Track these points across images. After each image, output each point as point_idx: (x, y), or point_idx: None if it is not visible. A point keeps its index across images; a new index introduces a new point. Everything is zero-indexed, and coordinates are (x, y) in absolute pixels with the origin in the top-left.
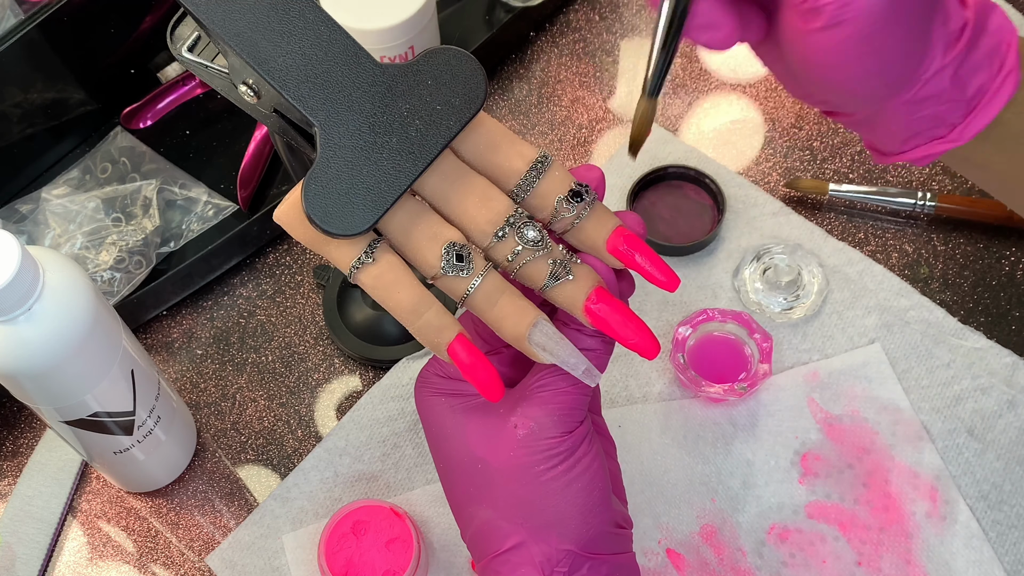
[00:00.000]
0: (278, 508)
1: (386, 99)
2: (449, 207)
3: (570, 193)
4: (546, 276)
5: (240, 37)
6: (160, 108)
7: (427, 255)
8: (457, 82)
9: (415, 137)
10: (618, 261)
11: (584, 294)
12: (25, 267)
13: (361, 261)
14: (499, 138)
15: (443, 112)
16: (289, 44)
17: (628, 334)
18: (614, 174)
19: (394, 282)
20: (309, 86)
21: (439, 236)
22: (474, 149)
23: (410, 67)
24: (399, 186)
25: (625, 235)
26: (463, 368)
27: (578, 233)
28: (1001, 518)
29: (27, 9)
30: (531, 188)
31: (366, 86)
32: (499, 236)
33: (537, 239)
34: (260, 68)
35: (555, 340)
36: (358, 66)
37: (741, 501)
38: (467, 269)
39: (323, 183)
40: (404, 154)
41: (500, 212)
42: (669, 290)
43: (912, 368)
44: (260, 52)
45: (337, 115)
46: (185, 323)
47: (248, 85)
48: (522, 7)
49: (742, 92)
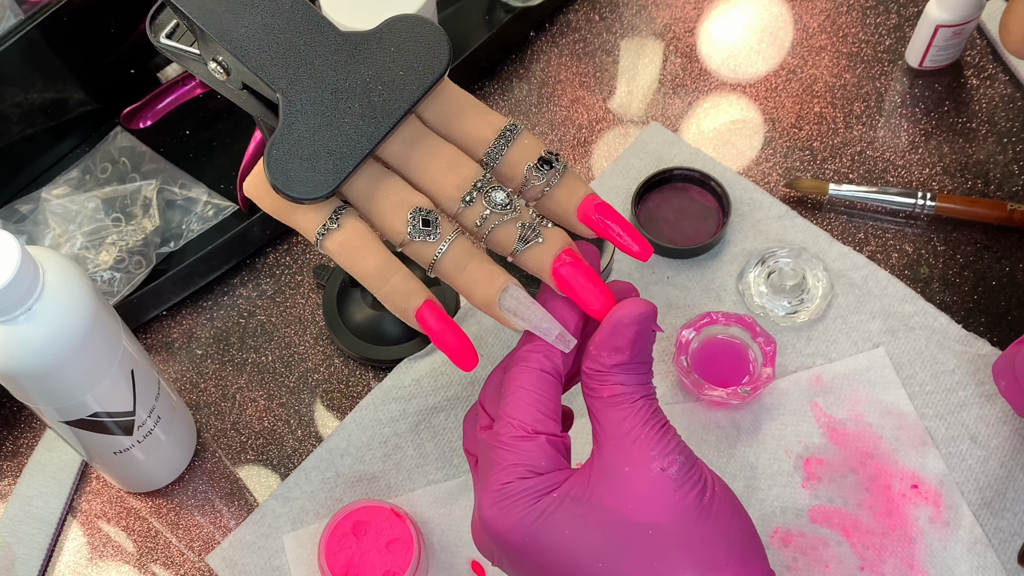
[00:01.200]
0: (279, 508)
1: (348, 66)
2: (415, 172)
3: (539, 160)
4: (515, 240)
5: (202, 10)
6: (160, 108)
7: (393, 221)
8: (420, 48)
9: (378, 103)
10: (589, 230)
11: (552, 256)
12: (25, 267)
13: (326, 227)
14: (467, 106)
15: (405, 78)
16: (251, 15)
17: (591, 299)
18: (619, 176)
19: (360, 248)
20: (270, 55)
21: (405, 201)
22: (441, 116)
23: (373, 35)
24: (361, 150)
25: (596, 203)
26: (432, 334)
27: (548, 202)
28: (1004, 525)
29: (27, 9)
30: (500, 156)
31: (328, 54)
32: (467, 201)
33: (505, 202)
34: (221, 39)
35: (526, 305)
36: (320, 34)
37: (744, 505)
38: (434, 234)
39: (285, 149)
40: (367, 119)
41: (467, 177)
42: (642, 259)
43: (916, 373)
44: (222, 24)
45: (299, 82)
46: (185, 323)
47: (217, 62)
48: (522, 7)
49: (742, 92)
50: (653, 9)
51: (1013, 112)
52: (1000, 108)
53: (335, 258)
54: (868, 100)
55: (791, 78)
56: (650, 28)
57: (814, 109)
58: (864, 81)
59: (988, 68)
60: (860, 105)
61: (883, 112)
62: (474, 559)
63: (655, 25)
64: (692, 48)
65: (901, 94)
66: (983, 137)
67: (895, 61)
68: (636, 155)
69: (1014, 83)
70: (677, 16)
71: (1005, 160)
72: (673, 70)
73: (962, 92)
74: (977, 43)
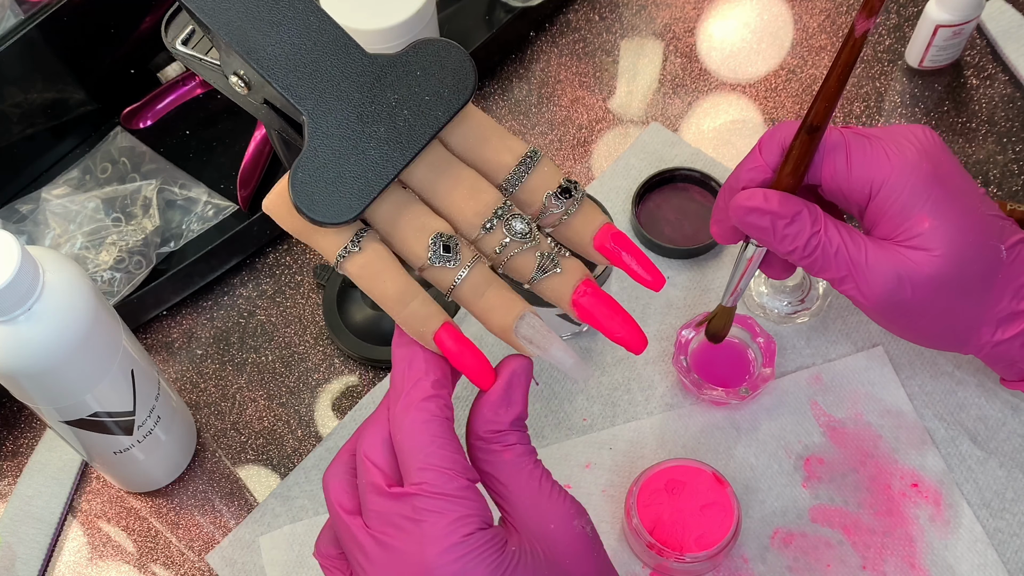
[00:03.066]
0: (279, 507)
1: (375, 89)
2: (437, 198)
3: (559, 189)
4: (534, 269)
5: (230, 26)
6: (160, 108)
7: (414, 245)
8: (446, 73)
9: (403, 127)
10: (604, 258)
11: (571, 287)
12: (25, 267)
13: (347, 250)
14: (488, 131)
15: (431, 103)
16: (278, 34)
17: (614, 327)
18: (619, 176)
19: (380, 271)
20: (297, 75)
21: (426, 227)
22: (463, 141)
23: (399, 58)
24: (386, 175)
25: (612, 232)
26: (451, 356)
27: (565, 230)
28: (1003, 526)
29: (27, 9)
30: (520, 183)
31: (355, 76)
32: (487, 228)
33: (525, 231)
34: (249, 57)
35: (542, 333)
36: (347, 56)
37: (744, 506)
38: (454, 260)
39: (310, 172)
40: (392, 144)
41: (488, 204)
42: (654, 289)
43: (916, 374)
44: (249, 41)
45: (325, 104)
46: (185, 323)
47: (239, 76)
48: (522, 7)
49: (742, 92)
50: (653, 9)
51: (1013, 112)
52: (1000, 108)
53: (355, 280)
54: (868, 100)
55: (791, 78)
56: (650, 28)
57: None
58: (864, 81)
59: (988, 68)
60: (860, 105)
61: (883, 112)
62: None
63: (655, 25)
64: (692, 48)
65: (901, 94)
66: (983, 137)
67: (895, 61)
68: (636, 155)
69: (1014, 83)
70: (677, 16)
71: (1005, 160)
72: (673, 70)
73: (962, 92)
74: (977, 43)
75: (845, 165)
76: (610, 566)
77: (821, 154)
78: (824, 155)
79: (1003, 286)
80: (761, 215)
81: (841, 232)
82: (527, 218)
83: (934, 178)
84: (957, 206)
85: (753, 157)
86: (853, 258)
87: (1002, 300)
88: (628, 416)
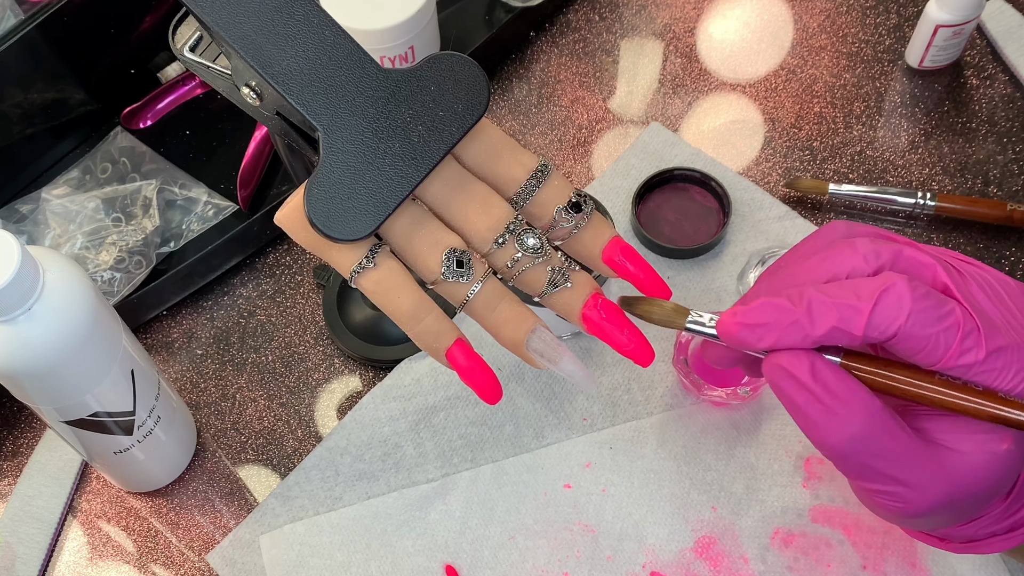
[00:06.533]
0: (279, 506)
1: (389, 104)
2: (450, 213)
3: (570, 204)
4: (545, 283)
5: (244, 40)
6: (160, 108)
7: (428, 260)
8: (460, 88)
9: (417, 143)
10: (612, 271)
11: (581, 301)
12: (25, 267)
13: (362, 266)
14: (501, 146)
15: (445, 118)
16: (293, 48)
17: (623, 341)
18: (619, 176)
19: (395, 287)
20: (313, 90)
21: (440, 242)
22: (476, 156)
23: (413, 72)
24: (401, 192)
25: (621, 246)
26: (461, 372)
27: (574, 243)
28: None
29: (27, 9)
30: (530, 197)
31: (369, 91)
32: (499, 243)
33: (537, 247)
34: (264, 71)
35: (553, 347)
36: (362, 71)
37: (744, 506)
38: (467, 275)
39: (325, 188)
40: (406, 160)
41: (500, 219)
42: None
43: None
44: (264, 55)
45: (340, 120)
46: (185, 323)
47: (251, 87)
48: (522, 7)
49: (742, 92)
50: (653, 9)
51: (1013, 112)
52: (1000, 108)
53: (369, 295)
54: (868, 100)
55: (791, 78)
56: (650, 28)
57: (814, 109)
58: (864, 81)
59: (988, 68)
60: (860, 105)
61: (883, 112)
62: (448, 563)
63: (655, 25)
64: (692, 48)
65: (901, 94)
66: (983, 137)
67: (895, 61)
68: (636, 155)
69: (1014, 83)
70: (677, 16)
71: (1005, 160)
72: (673, 70)
73: (962, 92)
74: (977, 43)
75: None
76: None
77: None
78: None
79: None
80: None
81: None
82: (539, 233)
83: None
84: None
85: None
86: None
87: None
88: (628, 416)
